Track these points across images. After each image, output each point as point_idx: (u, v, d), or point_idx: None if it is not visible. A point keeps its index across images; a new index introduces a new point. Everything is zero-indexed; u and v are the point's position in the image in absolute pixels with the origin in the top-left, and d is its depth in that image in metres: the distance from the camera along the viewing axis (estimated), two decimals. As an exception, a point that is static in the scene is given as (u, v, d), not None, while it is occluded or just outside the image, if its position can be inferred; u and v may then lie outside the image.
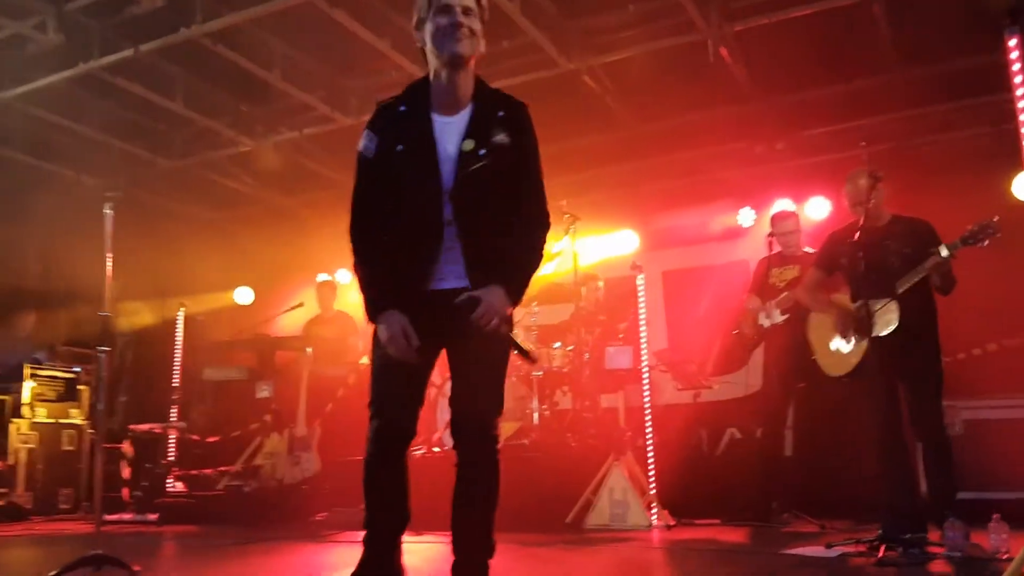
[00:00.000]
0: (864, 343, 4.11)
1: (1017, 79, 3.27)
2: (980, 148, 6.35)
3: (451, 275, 2.57)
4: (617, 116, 7.44)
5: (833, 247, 4.51)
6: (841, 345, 4.32)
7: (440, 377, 7.26)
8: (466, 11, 2.55)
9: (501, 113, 2.62)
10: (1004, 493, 4.79)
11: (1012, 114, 3.25)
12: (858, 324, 4.13)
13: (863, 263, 3.92)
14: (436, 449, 6.49)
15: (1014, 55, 3.23)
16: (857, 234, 3.98)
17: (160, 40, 6.14)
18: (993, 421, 5.21)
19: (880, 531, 3.81)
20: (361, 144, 2.70)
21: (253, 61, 6.59)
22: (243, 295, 9.75)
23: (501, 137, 2.58)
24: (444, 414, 6.47)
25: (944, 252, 3.94)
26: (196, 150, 8.21)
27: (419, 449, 6.54)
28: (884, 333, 4.05)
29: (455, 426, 2.62)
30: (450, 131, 2.58)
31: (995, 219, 3.85)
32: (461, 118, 2.60)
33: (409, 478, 2.69)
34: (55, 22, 6.09)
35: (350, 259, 2.67)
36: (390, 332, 2.50)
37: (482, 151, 2.55)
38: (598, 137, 7.87)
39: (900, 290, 4.06)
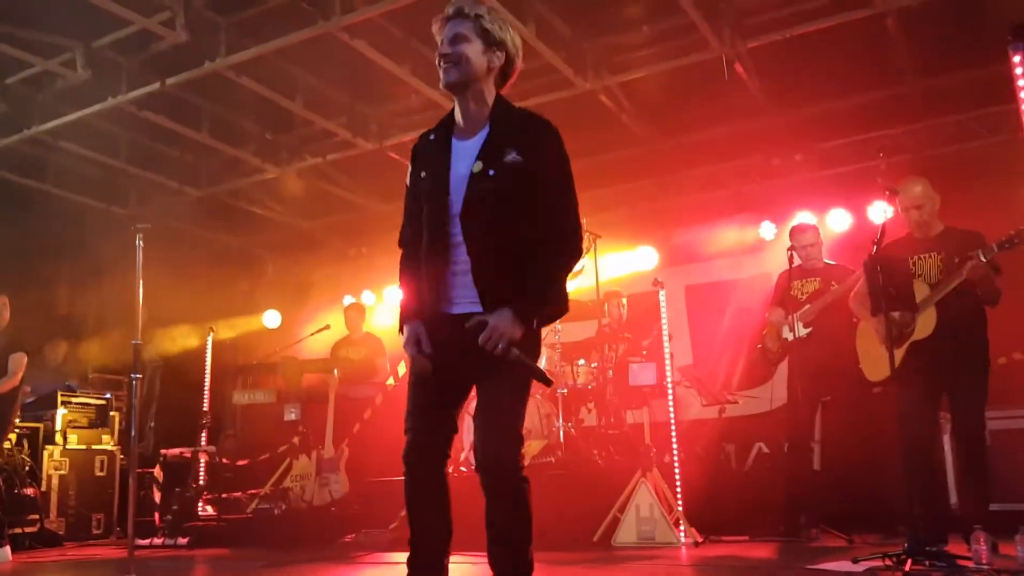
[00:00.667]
0: (902, 350, 4.12)
1: (1022, 93, 3.31)
2: (997, 156, 6.34)
3: (464, 299, 2.58)
4: (634, 134, 7.51)
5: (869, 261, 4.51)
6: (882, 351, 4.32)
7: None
8: (454, 40, 2.59)
9: (517, 133, 2.59)
10: (1032, 505, 4.75)
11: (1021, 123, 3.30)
12: (886, 335, 4.14)
13: (881, 277, 3.93)
14: (463, 469, 6.53)
15: (1019, 70, 3.27)
16: (874, 248, 3.99)
17: (186, 73, 6.32)
18: (1018, 431, 5.16)
19: (906, 544, 3.80)
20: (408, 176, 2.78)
21: (276, 91, 6.75)
22: (271, 318, 9.89)
23: (513, 156, 2.54)
24: (470, 433, 6.51)
25: (981, 257, 3.99)
26: (223, 179, 8.39)
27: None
28: (921, 337, 4.07)
29: (478, 464, 2.59)
30: (465, 154, 2.60)
31: (1020, 228, 3.88)
32: (476, 141, 2.61)
33: (449, 498, 2.68)
34: (83, 59, 6.28)
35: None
36: (406, 338, 2.61)
37: (491, 171, 2.53)
38: (617, 155, 7.94)
39: (939, 296, 4.08)
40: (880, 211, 6.53)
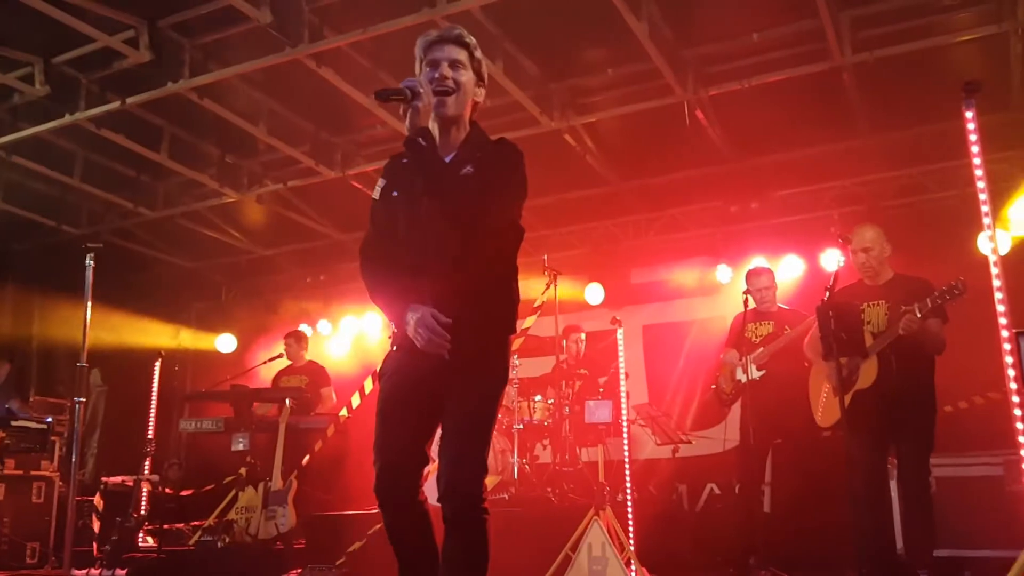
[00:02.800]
0: (848, 395, 4.18)
1: (974, 148, 3.44)
2: (948, 210, 6.55)
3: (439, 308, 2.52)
4: (598, 174, 7.61)
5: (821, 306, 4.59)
6: (832, 397, 4.37)
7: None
8: (454, 65, 2.58)
9: (478, 153, 2.61)
10: (974, 551, 4.81)
11: (973, 179, 3.41)
12: (837, 380, 4.20)
13: (833, 323, 4.00)
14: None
15: (970, 126, 3.40)
16: (827, 295, 4.06)
17: (147, 93, 6.24)
18: (965, 479, 5.26)
19: (855, 588, 3.83)
20: (375, 190, 2.74)
21: (239, 115, 6.70)
22: (225, 343, 9.72)
23: (467, 170, 2.55)
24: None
25: (917, 312, 4.06)
26: (180, 201, 8.26)
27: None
28: (863, 387, 4.14)
29: (441, 493, 2.53)
30: None
31: (961, 279, 3.98)
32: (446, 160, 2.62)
33: (431, 526, 2.64)
34: (42, 74, 6.17)
35: (368, 296, 2.71)
36: (415, 319, 2.47)
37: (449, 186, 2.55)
38: (580, 194, 8.04)
39: (880, 347, 4.15)
40: (832, 258, 6.68)
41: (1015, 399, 3.50)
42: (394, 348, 2.70)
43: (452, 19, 5.06)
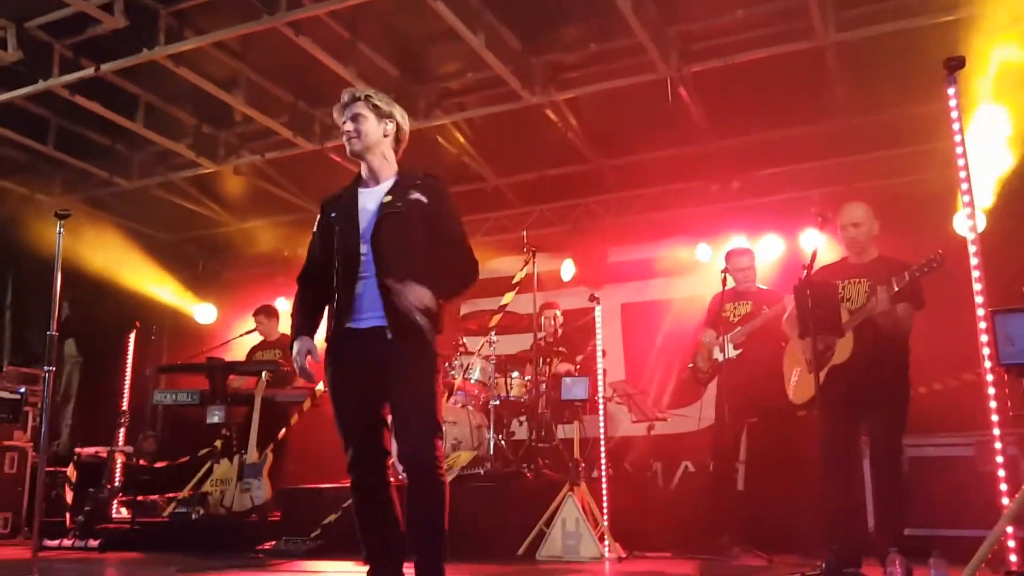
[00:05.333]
0: (823, 372, 4.19)
1: (955, 126, 3.43)
2: (928, 193, 6.56)
3: (371, 315, 2.95)
4: (579, 151, 7.57)
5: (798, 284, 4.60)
6: (806, 374, 4.38)
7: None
8: (354, 118, 3.09)
9: (418, 182, 3.12)
10: (945, 530, 4.86)
11: (953, 160, 3.41)
12: (812, 356, 4.22)
13: (811, 300, 4.00)
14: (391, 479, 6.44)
15: (952, 102, 3.39)
16: (804, 273, 4.06)
17: (122, 60, 6.12)
18: (937, 458, 5.32)
19: (824, 565, 3.86)
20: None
21: (216, 84, 6.59)
22: (204, 313, 9.63)
23: (417, 195, 3.06)
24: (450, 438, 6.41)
25: (884, 293, 4.06)
26: (155, 171, 8.14)
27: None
28: (839, 363, 4.15)
29: (402, 462, 2.97)
30: (371, 196, 3.11)
31: (939, 252, 3.99)
32: (383, 187, 3.12)
33: (395, 505, 3.01)
34: (14, 39, 6.03)
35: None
36: (296, 351, 3.07)
37: (399, 203, 3.03)
38: (561, 171, 8.00)
39: (856, 323, 4.16)
40: (812, 238, 6.70)
41: (988, 377, 3.53)
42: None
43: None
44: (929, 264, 3.99)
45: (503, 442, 6.47)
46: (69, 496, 6.98)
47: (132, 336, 7.77)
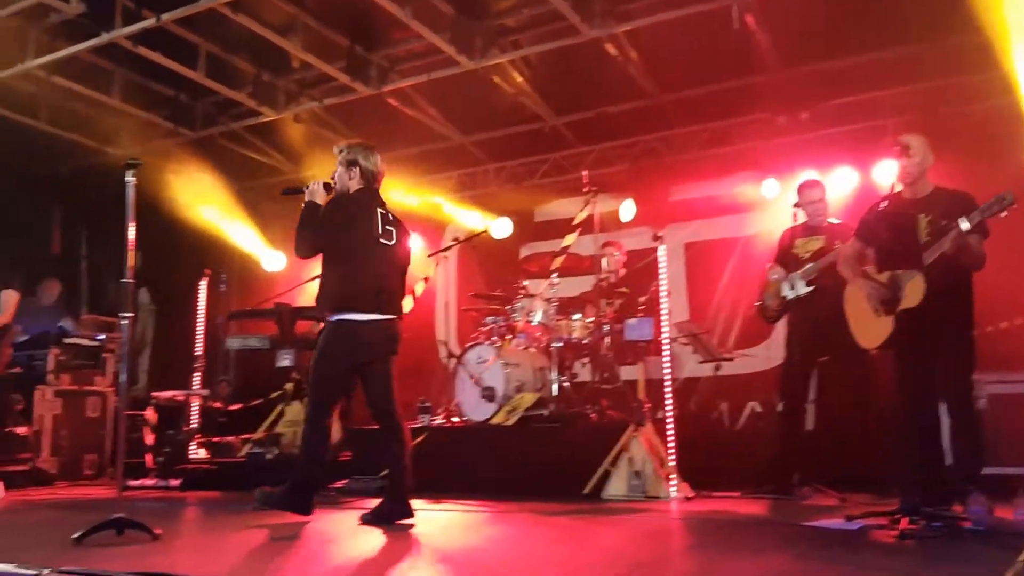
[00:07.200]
0: (893, 316, 4.06)
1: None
2: (1003, 119, 6.21)
3: None
4: (640, 86, 7.37)
5: (872, 218, 4.43)
6: (873, 317, 4.25)
7: (460, 347, 7.29)
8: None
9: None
10: (1024, 469, 4.73)
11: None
12: (884, 297, 4.07)
13: (889, 234, 3.85)
14: (455, 419, 6.52)
15: None
16: (883, 204, 3.90)
17: (181, 9, 6.13)
18: (1018, 396, 5.14)
19: (902, 504, 3.78)
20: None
21: (273, 31, 6.57)
22: (272, 260, 9.80)
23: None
24: (464, 384, 6.48)
25: (964, 225, 3.86)
26: (218, 120, 8.22)
27: (438, 419, 6.58)
28: (911, 306, 3.99)
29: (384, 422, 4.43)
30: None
31: (1009, 191, 3.77)
32: None
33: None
34: (77, -9, 6.09)
35: None
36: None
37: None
38: (622, 108, 7.81)
39: (927, 262, 3.99)
40: (888, 169, 6.44)
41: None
42: None
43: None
44: (999, 203, 3.76)
45: (566, 384, 6.47)
46: (149, 438, 7.26)
47: (203, 284, 7.95)
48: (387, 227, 4.46)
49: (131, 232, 4.14)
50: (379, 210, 4.47)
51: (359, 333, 4.29)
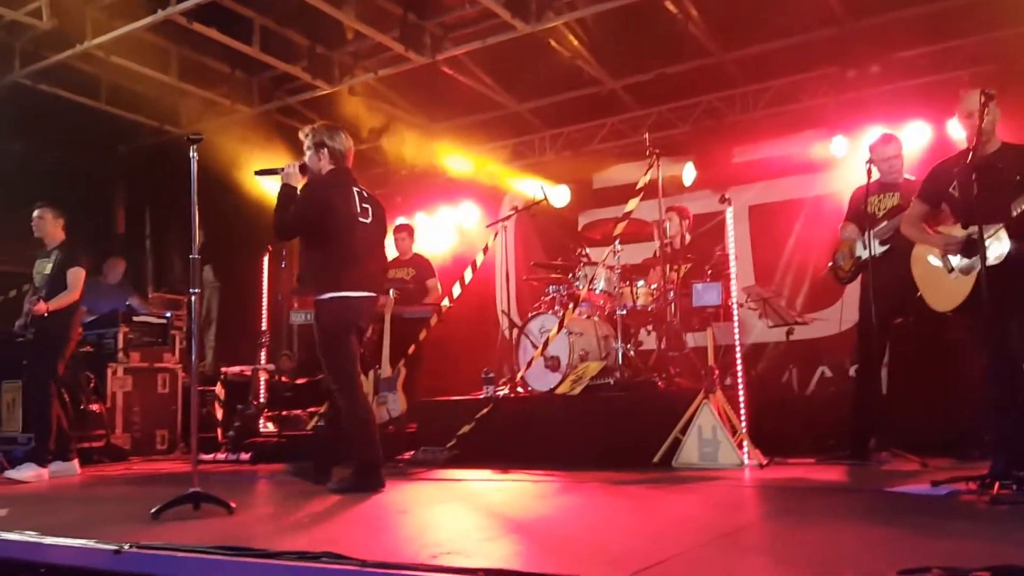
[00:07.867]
0: (971, 276, 3.88)
1: None
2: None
3: None
4: (701, 44, 7.15)
5: (938, 177, 4.23)
6: (948, 275, 4.06)
7: (521, 317, 7.23)
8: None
9: None
10: None
11: None
12: (968, 248, 3.87)
13: (976, 186, 3.65)
14: (520, 390, 6.47)
15: None
16: (971, 155, 3.69)
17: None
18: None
19: (992, 468, 3.62)
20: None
21: (325, 0, 6.53)
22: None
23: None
24: (526, 353, 6.44)
25: None
26: (274, 96, 8.24)
27: (502, 389, 6.54)
28: (993, 263, 3.80)
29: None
30: None
31: None
32: None
33: None
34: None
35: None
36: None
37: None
38: (682, 67, 7.59)
39: (1015, 212, 3.78)
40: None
41: None
42: None
43: None
44: None
45: (632, 352, 6.37)
46: (219, 413, 7.39)
47: (265, 260, 8.02)
48: (364, 205, 4.60)
49: (195, 208, 4.15)
50: (355, 188, 4.60)
51: (354, 305, 4.46)
